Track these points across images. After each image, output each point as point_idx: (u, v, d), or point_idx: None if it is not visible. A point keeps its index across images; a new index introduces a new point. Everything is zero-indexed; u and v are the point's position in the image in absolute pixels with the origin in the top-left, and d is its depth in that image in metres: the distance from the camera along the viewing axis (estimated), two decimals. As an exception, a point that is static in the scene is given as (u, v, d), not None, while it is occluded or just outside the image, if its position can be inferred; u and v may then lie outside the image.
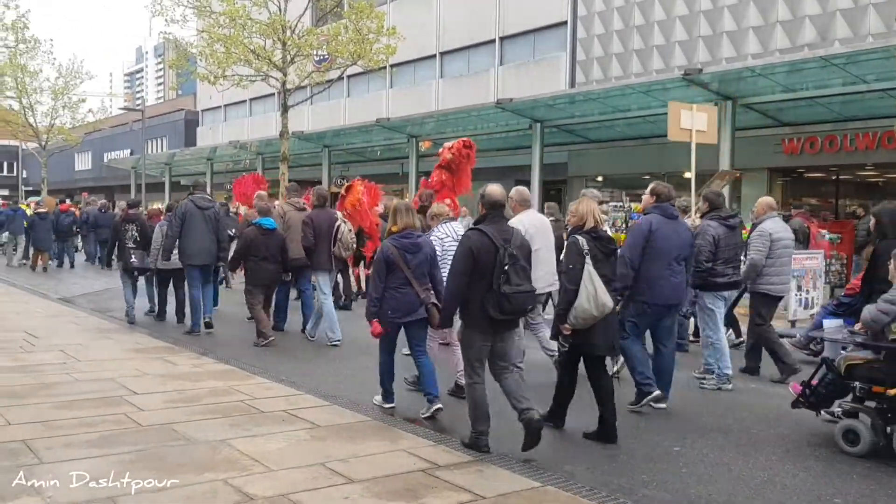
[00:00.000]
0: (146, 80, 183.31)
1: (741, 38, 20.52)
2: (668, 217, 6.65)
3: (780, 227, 8.19)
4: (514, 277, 5.17)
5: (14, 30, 25.91)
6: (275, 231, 9.71)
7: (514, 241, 5.32)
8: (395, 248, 6.29)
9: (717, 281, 7.47)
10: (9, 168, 70.99)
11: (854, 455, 5.47)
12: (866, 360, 5.59)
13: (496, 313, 5.18)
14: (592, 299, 5.50)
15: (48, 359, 8.06)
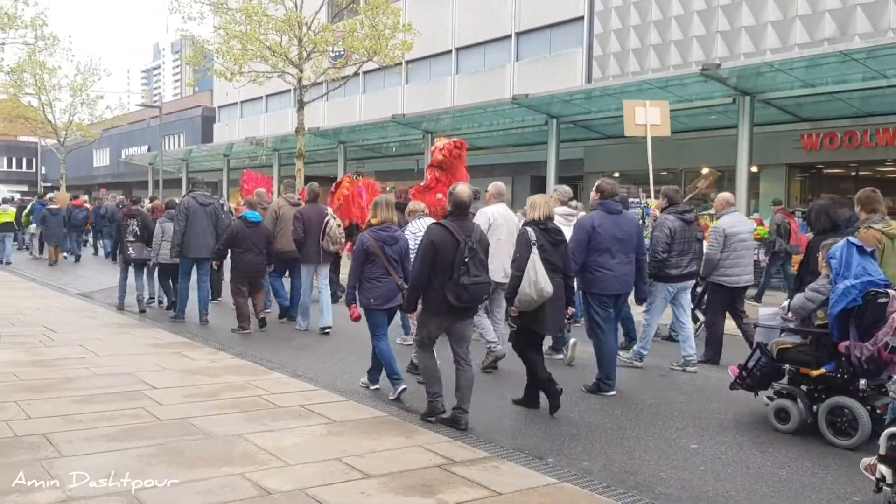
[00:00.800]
0: (163, 76, 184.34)
1: (760, 32, 20.35)
2: (611, 213, 7.16)
3: (735, 221, 8.51)
4: (472, 269, 5.67)
5: (33, 27, 26.11)
6: (260, 224, 10.09)
7: (474, 235, 5.80)
8: (374, 239, 6.77)
9: (671, 272, 7.97)
10: (28, 164, 71.75)
11: (784, 432, 5.91)
12: (795, 344, 6.01)
13: (455, 301, 5.67)
14: (533, 285, 6.03)
15: (67, 353, 8.14)
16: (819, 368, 5.73)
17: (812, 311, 5.83)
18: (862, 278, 5.37)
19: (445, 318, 5.88)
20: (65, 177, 38.62)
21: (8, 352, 7.74)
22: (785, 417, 5.94)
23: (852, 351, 5.41)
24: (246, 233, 9.92)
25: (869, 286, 5.35)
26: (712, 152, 19.88)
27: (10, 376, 6.93)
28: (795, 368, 5.91)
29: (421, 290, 5.85)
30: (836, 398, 5.63)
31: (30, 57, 31.46)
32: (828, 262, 5.69)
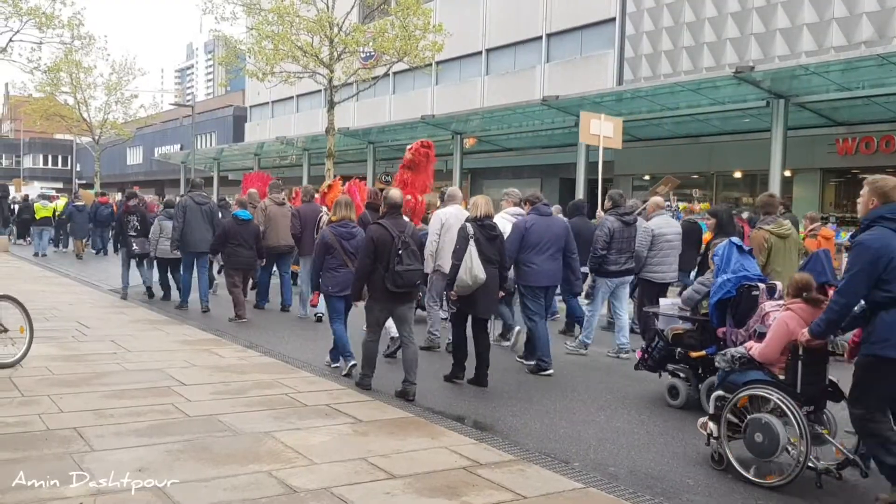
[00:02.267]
0: (196, 76, 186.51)
1: (795, 35, 20.07)
2: (542, 215, 8.24)
3: (664, 223, 9.25)
4: (405, 259, 6.59)
5: (70, 27, 26.52)
6: (249, 221, 11.06)
7: (407, 231, 6.74)
8: (333, 234, 7.67)
9: (609, 268, 8.74)
10: (63, 162, 73.05)
11: (675, 407, 6.74)
12: (686, 330, 6.85)
13: (392, 287, 6.59)
14: (468, 272, 6.98)
15: (99, 348, 8.25)
16: (701, 351, 6.51)
17: (698, 302, 6.70)
18: (738, 273, 6.08)
19: (387, 303, 6.79)
20: (99, 174, 39.18)
21: (42, 346, 7.86)
22: (675, 394, 6.83)
23: (728, 336, 6.04)
24: (237, 230, 10.87)
25: (743, 280, 6.05)
26: (745, 156, 19.65)
27: (44, 370, 7.04)
28: (684, 351, 6.69)
29: (365, 278, 6.74)
30: (715, 377, 6.07)
31: (66, 56, 31.95)
32: (712, 258, 6.51)
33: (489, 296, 7.29)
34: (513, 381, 7.70)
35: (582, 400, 7.03)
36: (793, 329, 4.99)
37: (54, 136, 64.31)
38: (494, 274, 7.25)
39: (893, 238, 4.49)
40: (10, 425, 5.31)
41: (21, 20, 23.73)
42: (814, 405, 5.06)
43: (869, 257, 4.44)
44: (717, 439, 5.17)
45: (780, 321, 5.13)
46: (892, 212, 4.55)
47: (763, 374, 5.14)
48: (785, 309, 5.20)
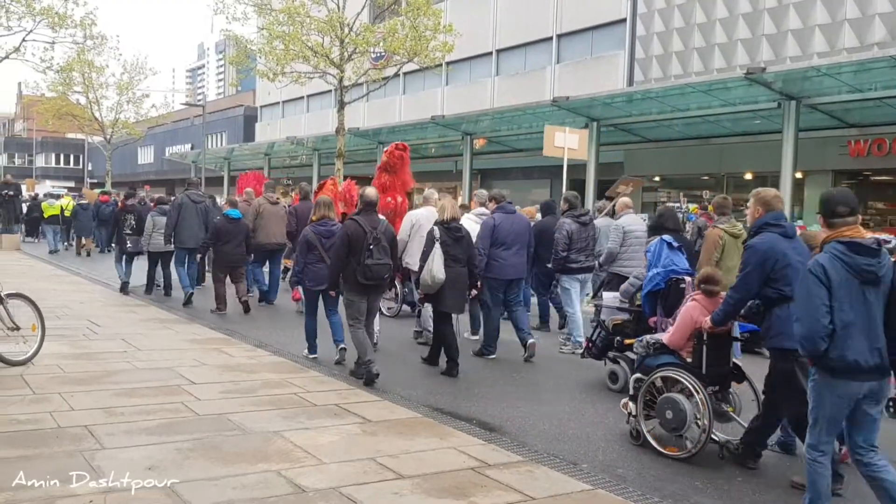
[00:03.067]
0: (207, 76, 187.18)
1: (807, 36, 19.98)
2: (507, 213, 8.81)
3: (632, 221, 9.68)
4: (375, 254, 7.14)
5: (82, 26, 26.62)
6: (240, 220, 11.51)
7: (379, 228, 7.29)
8: (313, 233, 8.17)
9: (572, 266, 9.17)
10: (75, 161, 73.46)
11: (615, 391, 7.21)
12: (623, 320, 7.34)
13: (362, 279, 7.16)
14: (429, 272, 7.53)
15: (110, 347, 8.30)
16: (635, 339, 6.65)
17: (633, 294, 7.25)
18: (668, 268, 6.57)
19: (361, 295, 7.36)
20: (110, 173, 39.33)
21: (53, 344, 7.91)
22: (615, 379, 7.35)
23: (659, 325, 6.47)
24: (227, 228, 11.37)
25: (671, 273, 6.52)
26: (756, 157, 19.56)
27: (55, 368, 7.09)
28: (622, 339, 7.15)
29: (339, 270, 7.31)
30: None
31: (79, 56, 32.07)
32: (645, 254, 7.19)
33: (456, 293, 7.80)
34: (522, 383, 7.70)
35: (591, 402, 7.02)
36: (696, 318, 5.48)
37: (66, 136, 64.65)
38: (462, 272, 7.78)
39: (779, 241, 5.06)
40: (22, 423, 5.36)
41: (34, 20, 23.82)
42: (719, 385, 5.65)
43: (757, 259, 5.01)
44: (635, 417, 5.72)
45: (686, 311, 5.66)
46: (776, 218, 5.16)
47: (674, 357, 5.65)
48: (691, 300, 5.73)
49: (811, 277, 4.08)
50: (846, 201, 4.25)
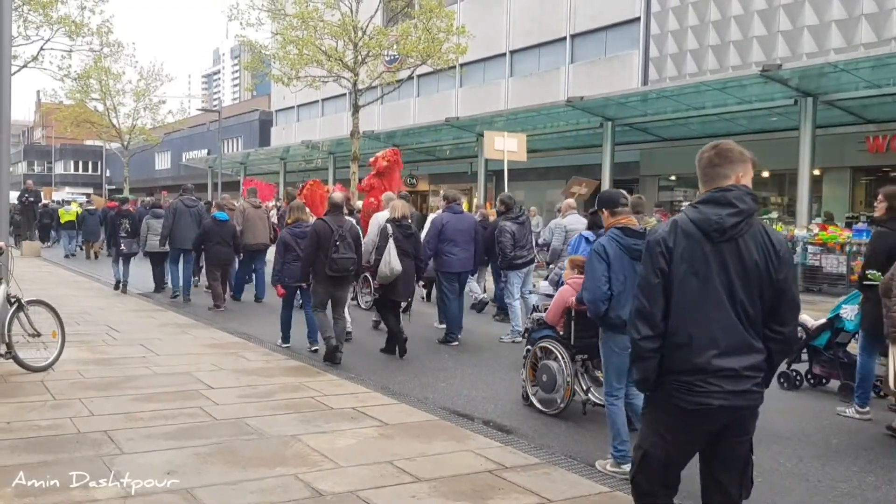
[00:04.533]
0: (223, 81, 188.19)
1: (823, 32, 19.82)
2: (455, 213, 9.76)
3: (575, 221, 10.18)
4: (341, 249, 8.14)
5: (99, 34, 26.90)
6: (227, 222, 12.37)
7: (345, 227, 8.33)
8: (289, 234, 9.09)
9: (517, 262, 9.91)
10: (93, 167, 74.11)
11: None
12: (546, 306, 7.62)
13: (329, 271, 8.13)
14: (387, 265, 8.33)
15: (129, 352, 8.36)
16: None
17: (557, 282, 7.71)
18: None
19: (328, 286, 8.33)
20: (128, 179, 39.66)
21: (74, 350, 7.98)
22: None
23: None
24: (216, 229, 12.21)
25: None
26: (773, 155, 19.34)
27: (75, 374, 7.15)
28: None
29: (309, 263, 8.30)
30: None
31: (96, 63, 32.37)
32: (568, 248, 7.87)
33: (407, 283, 8.70)
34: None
35: (608, 403, 6.99)
36: (566, 298, 6.15)
37: (84, 143, 65.25)
38: (411, 265, 8.62)
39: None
40: (43, 428, 5.40)
41: (52, 29, 24.13)
42: (588, 354, 6.26)
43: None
44: (525, 382, 6.77)
45: (559, 292, 6.37)
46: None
47: (551, 332, 6.44)
48: (566, 283, 6.36)
49: (595, 255, 5.00)
50: (623, 197, 5.28)
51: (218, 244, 12.18)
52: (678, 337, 3.00)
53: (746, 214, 3.00)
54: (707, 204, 3.04)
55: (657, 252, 3.04)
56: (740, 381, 2.97)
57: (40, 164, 76.63)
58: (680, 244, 3.01)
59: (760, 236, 3.03)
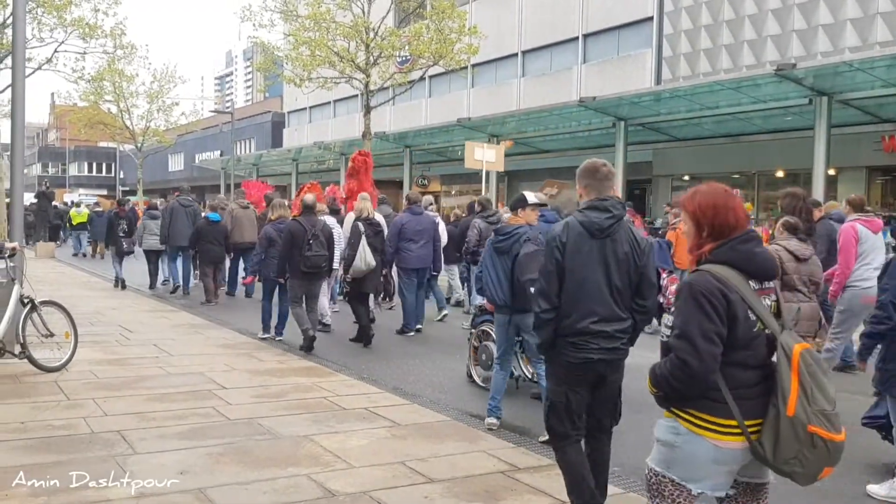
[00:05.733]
0: (235, 83, 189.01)
1: (838, 31, 19.67)
2: (414, 214, 10.53)
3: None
4: (314, 247, 8.79)
5: (112, 36, 27.07)
6: (219, 222, 13.15)
7: (317, 226, 9.00)
8: (273, 230, 9.59)
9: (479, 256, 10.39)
10: (107, 169, 74.57)
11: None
12: None
13: (303, 267, 8.77)
14: (363, 260, 9.13)
15: (142, 353, 8.39)
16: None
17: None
18: None
19: (302, 281, 8.90)
20: (141, 181, 39.89)
21: (87, 350, 8.02)
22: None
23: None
24: (208, 229, 12.99)
25: None
26: (787, 155, 19.31)
27: (89, 374, 7.18)
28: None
29: (285, 260, 8.90)
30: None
31: (109, 65, 32.55)
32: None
33: (375, 276, 9.54)
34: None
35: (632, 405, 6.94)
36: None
37: (98, 144, 65.68)
38: (378, 260, 9.43)
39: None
40: (57, 428, 5.42)
41: (66, 31, 24.28)
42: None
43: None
44: (468, 362, 7.58)
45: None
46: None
47: (490, 317, 6.88)
48: None
49: (488, 249, 6.02)
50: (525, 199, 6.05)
51: (210, 243, 12.93)
52: (568, 309, 3.83)
53: (618, 218, 3.87)
54: (591, 210, 3.89)
55: (553, 246, 3.87)
56: (612, 341, 3.86)
57: (54, 165, 77.19)
58: (571, 240, 3.83)
59: (627, 234, 3.90)
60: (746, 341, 2.72)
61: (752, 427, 2.70)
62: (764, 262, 2.82)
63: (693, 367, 2.67)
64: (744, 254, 2.78)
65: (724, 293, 2.69)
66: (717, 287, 2.70)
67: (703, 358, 2.66)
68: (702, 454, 2.76)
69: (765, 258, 2.83)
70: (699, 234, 2.87)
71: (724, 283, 2.71)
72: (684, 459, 2.83)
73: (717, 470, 2.78)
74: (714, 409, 2.73)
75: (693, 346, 2.67)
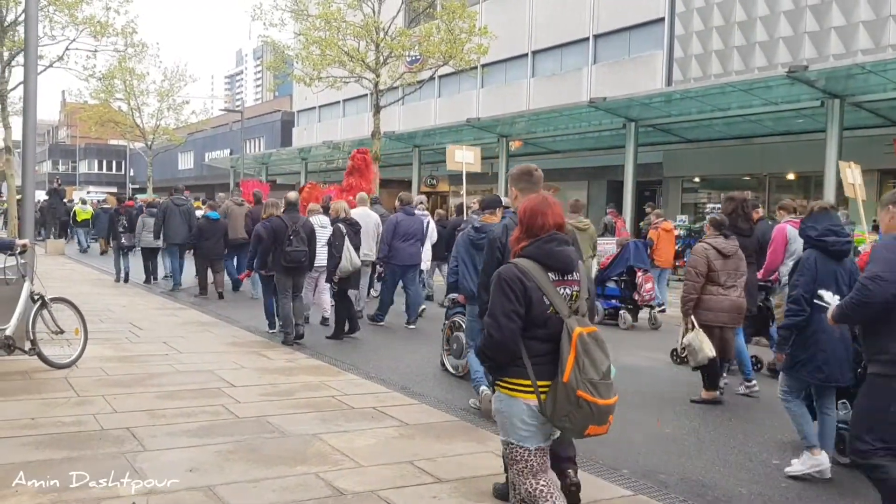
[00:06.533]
0: (245, 82, 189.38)
1: (850, 33, 19.56)
2: (408, 214, 11.11)
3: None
4: (294, 243, 9.19)
5: (123, 35, 27.12)
6: (218, 220, 13.83)
7: (298, 223, 9.38)
8: (262, 228, 9.70)
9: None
10: (117, 167, 74.84)
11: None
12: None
13: (283, 262, 9.21)
14: (348, 259, 9.50)
15: (152, 350, 8.41)
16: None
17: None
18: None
19: (286, 274, 9.31)
20: (151, 179, 39.98)
21: (97, 347, 8.05)
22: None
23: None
24: (207, 227, 13.67)
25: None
26: (799, 157, 19.21)
27: (99, 371, 7.21)
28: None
29: (266, 255, 9.38)
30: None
31: (120, 64, 32.61)
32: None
33: (357, 273, 10.01)
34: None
35: (633, 406, 6.92)
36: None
37: (108, 142, 65.91)
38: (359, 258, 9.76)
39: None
40: (67, 424, 5.44)
41: (77, 29, 24.31)
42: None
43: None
44: (442, 352, 8.08)
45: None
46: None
47: (462, 309, 7.24)
48: None
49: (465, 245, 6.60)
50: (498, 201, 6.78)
51: (209, 241, 13.58)
52: None
53: None
54: None
55: (495, 246, 4.54)
56: None
57: (65, 163, 77.51)
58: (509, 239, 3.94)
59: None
60: (542, 321, 3.30)
61: (542, 387, 3.29)
62: (562, 259, 3.39)
63: (496, 339, 3.28)
64: (545, 251, 3.37)
65: (523, 281, 3.29)
66: (518, 276, 3.30)
67: (504, 331, 3.26)
68: (518, 413, 3.33)
69: (563, 256, 3.39)
70: (520, 232, 3.48)
71: (525, 273, 3.31)
72: (511, 423, 3.36)
73: (534, 425, 3.34)
74: (520, 374, 3.31)
75: (497, 322, 3.27)
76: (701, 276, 6.89)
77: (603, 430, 3.40)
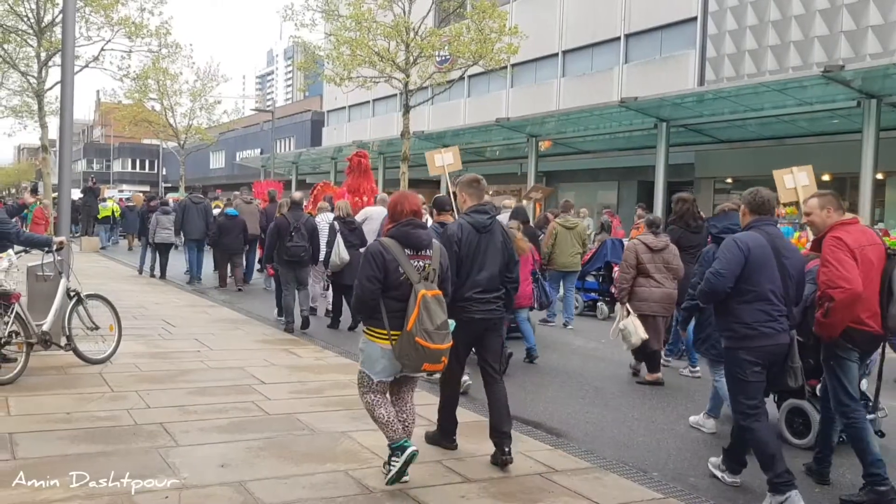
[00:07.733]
0: (276, 82, 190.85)
1: (888, 32, 19.22)
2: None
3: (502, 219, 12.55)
4: (295, 238, 9.84)
5: (157, 35, 27.44)
6: (237, 217, 14.67)
7: (301, 220, 10.01)
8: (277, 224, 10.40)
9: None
10: (150, 166, 75.88)
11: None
12: None
13: (285, 257, 9.88)
14: (337, 256, 10.01)
15: (184, 347, 8.52)
16: None
17: None
18: None
19: (287, 268, 10.00)
20: (184, 178, 40.41)
21: (131, 343, 8.16)
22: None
23: None
24: (226, 223, 14.51)
25: None
26: (834, 158, 18.89)
27: (132, 367, 7.31)
28: None
29: (271, 250, 10.11)
30: None
31: (154, 64, 32.99)
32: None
33: (352, 270, 9.78)
34: (590, 388, 7.59)
35: (661, 408, 6.88)
36: None
37: (142, 141, 66.77)
38: (357, 254, 9.81)
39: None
40: (101, 419, 5.53)
41: (112, 30, 24.67)
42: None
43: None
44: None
45: None
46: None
47: None
48: None
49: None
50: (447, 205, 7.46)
51: (228, 236, 14.34)
52: (462, 282, 4.98)
53: (493, 217, 5.23)
54: (476, 213, 5.18)
55: (453, 241, 5.03)
56: (490, 305, 5.06)
57: (99, 161, 78.69)
58: (464, 235, 5.07)
59: (500, 229, 5.26)
60: (396, 285, 4.39)
61: (394, 335, 4.36)
62: (414, 239, 4.49)
63: (358, 295, 4.44)
64: (402, 233, 4.49)
65: (383, 255, 4.40)
66: (380, 251, 4.42)
67: (364, 291, 4.38)
68: (375, 353, 4.47)
69: (416, 237, 4.49)
70: (390, 219, 4.65)
71: (386, 248, 4.43)
72: (367, 358, 4.53)
73: (383, 363, 4.45)
74: (378, 324, 4.43)
75: (361, 284, 4.40)
76: (631, 268, 7.81)
77: (438, 368, 4.44)
